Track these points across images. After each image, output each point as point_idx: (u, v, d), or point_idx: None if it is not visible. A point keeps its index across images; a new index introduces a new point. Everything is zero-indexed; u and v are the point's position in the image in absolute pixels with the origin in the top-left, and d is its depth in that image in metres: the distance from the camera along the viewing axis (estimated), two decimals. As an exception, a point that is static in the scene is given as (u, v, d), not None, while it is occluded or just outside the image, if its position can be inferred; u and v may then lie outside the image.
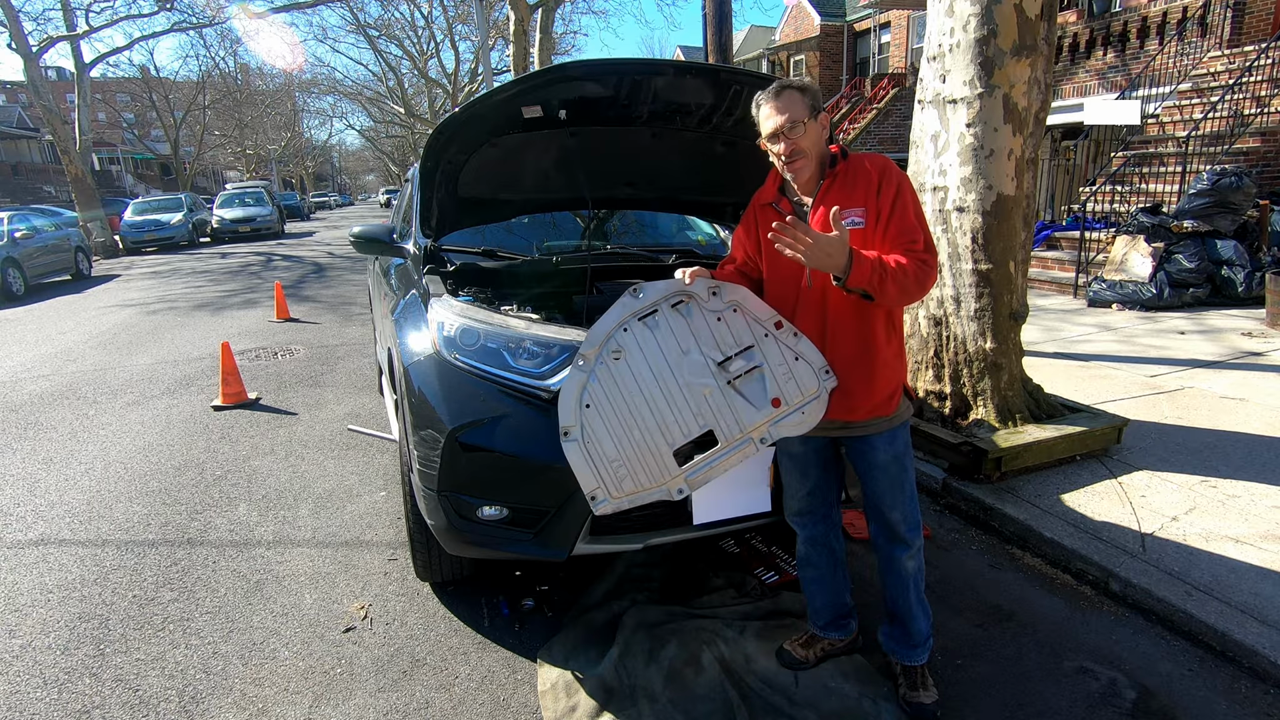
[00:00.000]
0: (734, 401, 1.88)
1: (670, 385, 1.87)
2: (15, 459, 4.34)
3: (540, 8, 14.52)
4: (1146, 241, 7.02)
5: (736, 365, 1.88)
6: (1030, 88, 3.35)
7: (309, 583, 2.85)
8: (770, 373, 1.88)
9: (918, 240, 1.80)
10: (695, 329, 1.86)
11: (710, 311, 1.86)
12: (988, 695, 2.12)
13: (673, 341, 1.86)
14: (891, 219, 1.82)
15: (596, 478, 1.88)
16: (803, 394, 1.88)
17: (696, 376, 1.87)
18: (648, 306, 1.85)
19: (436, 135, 2.66)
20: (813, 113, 1.84)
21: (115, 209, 21.72)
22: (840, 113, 19.19)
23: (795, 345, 1.87)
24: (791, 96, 1.84)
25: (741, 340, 1.87)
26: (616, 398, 1.86)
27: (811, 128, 1.84)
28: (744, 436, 1.90)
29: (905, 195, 1.83)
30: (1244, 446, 3.57)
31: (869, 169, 1.85)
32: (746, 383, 1.88)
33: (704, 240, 4.01)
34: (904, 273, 1.73)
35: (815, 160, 1.87)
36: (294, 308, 9.04)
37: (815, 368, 1.88)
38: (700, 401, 1.88)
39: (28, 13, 22.94)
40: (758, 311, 1.87)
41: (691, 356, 1.86)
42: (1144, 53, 10.63)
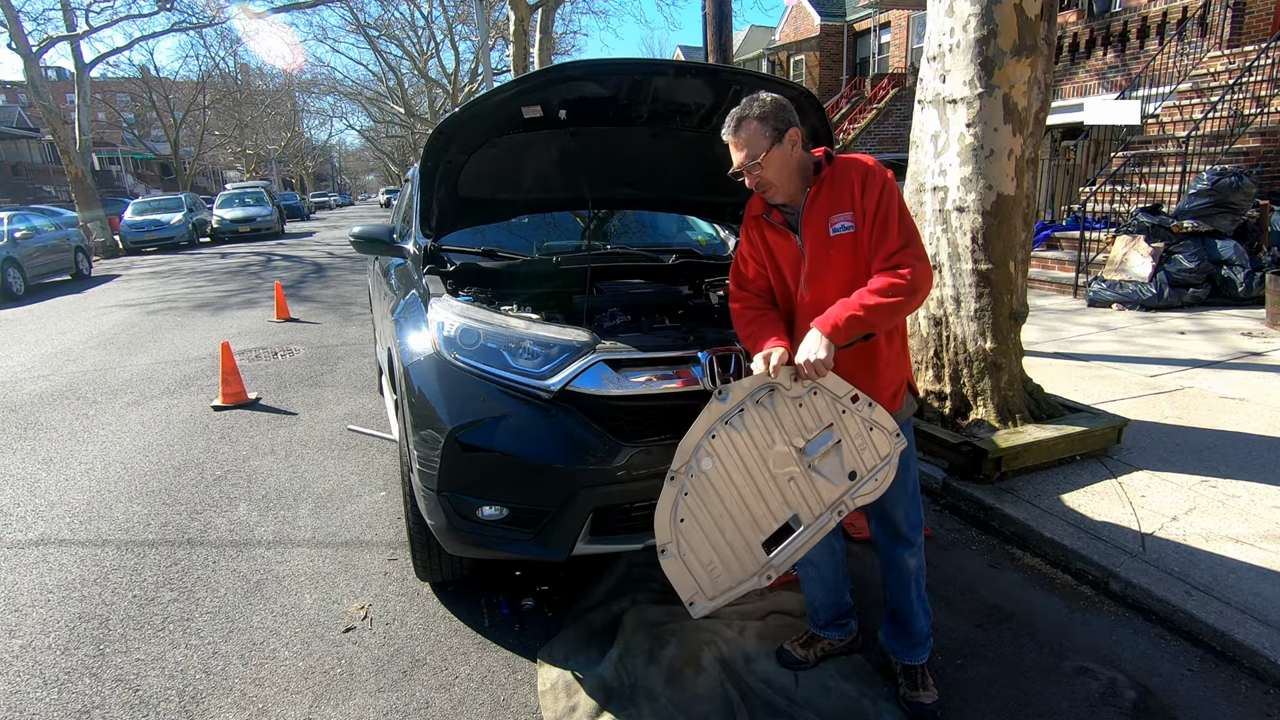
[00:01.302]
0: (815, 482, 1.88)
1: (759, 480, 1.85)
2: (15, 459, 4.34)
3: (540, 8, 14.52)
4: (1146, 241, 7.02)
5: (817, 446, 1.86)
6: (1030, 88, 3.35)
7: (309, 583, 2.85)
8: (849, 446, 1.86)
9: (898, 249, 1.78)
10: (780, 418, 1.83)
11: (793, 399, 1.82)
12: (988, 695, 2.12)
13: (759, 435, 1.83)
14: (875, 222, 1.81)
15: (695, 585, 1.89)
16: (878, 458, 1.88)
17: (782, 466, 1.86)
18: (734, 408, 1.81)
19: (436, 135, 2.66)
20: (776, 138, 1.81)
21: (115, 209, 21.71)
22: (840, 113, 19.20)
23: (870, 415, 1.85)
24: (748, 130, 1.81)
25: (822, 420, 1.84)
26: (710, 504, 1.84)
27: (775, 155, 1.81)
28: (825, 512, 1.90)
29: (889, 197, 1.81)
30: (1244, 446, 3.57)
31: (851, 172, 1.83)
32: (825, 461, 1.87)
33: (704, 240, 4.01)
34: (888, 298, 1.73)
35: (790, 181, 1.86)
36: (294, 308, 9.04)
37: (888, 432, 1.87)
38: (786, 489, 1.87)
39: (28, 13, 22.96)
40: (835, 389, 1.83)
41: (776, 447, 1.84)
42: (1144, 53, 10.63)
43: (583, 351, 2.23)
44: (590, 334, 2.29)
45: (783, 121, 1.82)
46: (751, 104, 1.82)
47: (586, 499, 2.17)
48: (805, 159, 1.89)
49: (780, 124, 1.81)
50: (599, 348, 2.24)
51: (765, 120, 1.80)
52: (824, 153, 1.90)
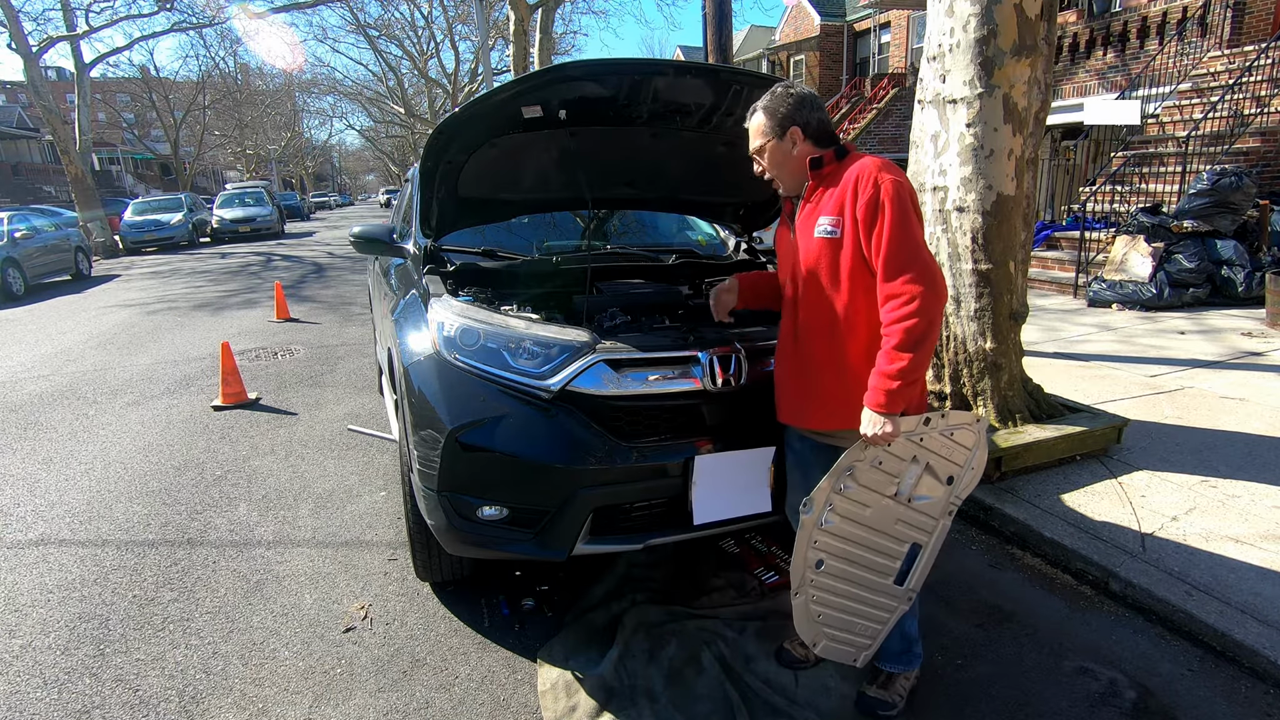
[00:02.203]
0: (920, 508, 1.91)
1: (871, 546, 1.90)
2: (15, 459, 4.34)
3: (540, 8, 14.51)
4: (1146, 241, 7.02)
5: (909, 483, 1.87)
6: (1030, 88, 3.35)
7: (309, 583, 2.85)
8: (937, 461, 1.87)
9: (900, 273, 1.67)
10: (866, 487, 1.83)
11: (870, 465, 1.81)
12: (988, 695, 2.12)
13: (855, 513, 1.85)
14: (871, 237, 1.71)
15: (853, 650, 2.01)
16: (967, 448, 1.90)
17: (886, 520, 1.89)
18: (822, 509, 1.82)
19: (436, 135, 2.66)
20: (777, 133, 1.84)
21: (115, 209, 21.70)
22: (840, 113, 19.19)
23: (944, 423, 1.84)
24: (754, 121, 1.88)
25: (903, 460, 1.84)
26: (837, 591, 1.91)
27: (773, 150, 1.86)
28: (937, 522, 1.95)
29: (886, 206, 1.68)
30: (1244, 446, 3.57)
31: (850, 174, 1.76)
32: (923, 486, 1.89)
33: (704, 240, 4.01)
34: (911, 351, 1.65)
35: (790, 175, 1.88)
36: (294, 308, 9.04)
37: (968, 422, 1.88)
38: (896, 532, 1.91)
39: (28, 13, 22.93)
40: (907, 427, 1.79)
41: (874, 510, 1.86)
42: (1144, 53, 10.63)
43: (583, 351, 2.23)
44: (590, 334, 2.29)
45: (787, 118, 1.83)
46: (768, 94, 1.88)
47: (586, 499, 2.17)
48: (810, 153, 1.87)
49: (784, 120, 1.82)
50: (599, 348, 2.24)
51: (771, 114, 1.83)
52: (835, 149, 1.86)
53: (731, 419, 2.31)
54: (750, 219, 3.58)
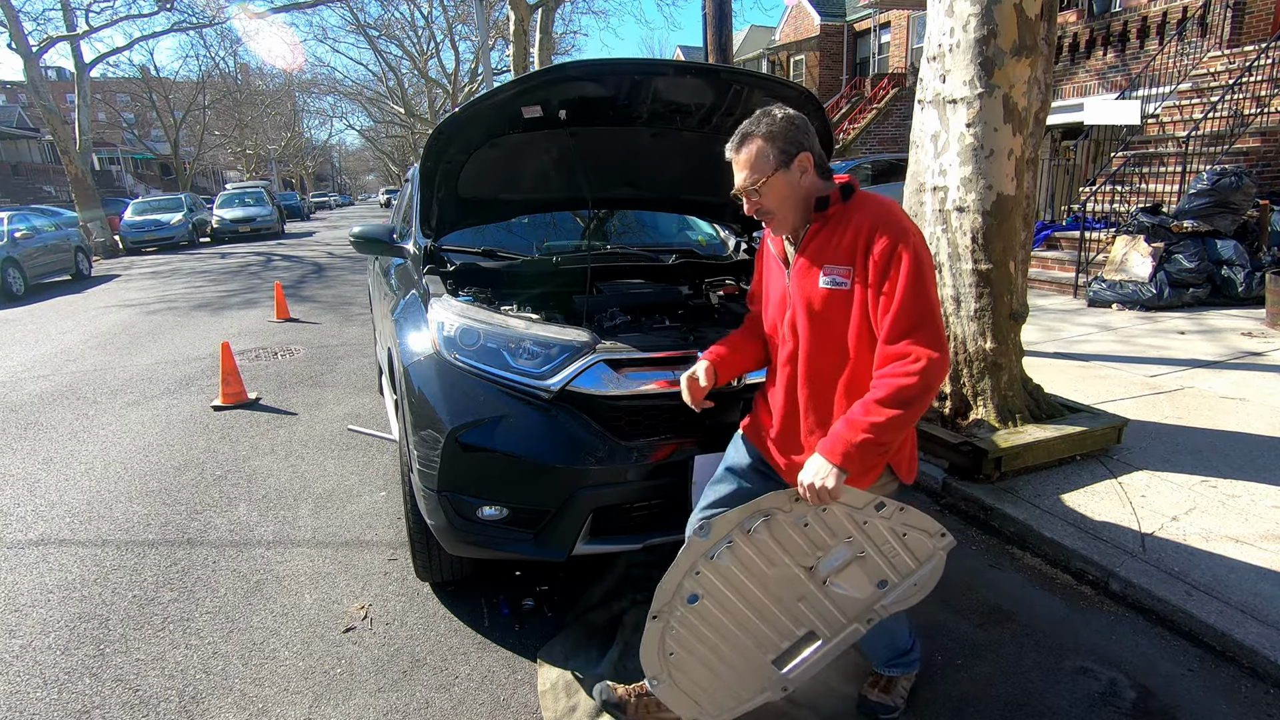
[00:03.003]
0: (834, 597, 1.68)
1: (759, 607, 1.66)
2: (15, 459, 4.34)
3: (540, 8, 14.51)
4: (1146, 241, 7.02)
5: (832, 563, 1.64)
6: (1030, 88, 3.35)
7: (309, 583, 2.85)
8: (874, 556, 1.65)
9: (909, 330, 1.49)
10: (779, 542, 1.61)
11: (795, 521, 1.59)
12: (988, 695, 2.12)
13: (755, 564, 1.62)
14: (881, 288, 1.52)
15: (695, 706, 1.75)
16: (917, 562, 1.68)
17: (788, 589, 1.65)
18: (719, 542, 1.59)
19: (436, 135, 2.66)
20: (783, 162, 1.57)
21: (115, 209, 21.70)
22: (840, 113, 19.19)
23: (901, 518, 1.62)
24: (752, 149, 1.58)
25: (837, 534, 1.62)
26: (702, 637, 1.67)
27: (779, 182, 1.58)
28: (848, 624, 1.72)
29: (903, 259, 1.50)
30: (1244, 446, 3.57)
31: (864, 217, 1.56)
32: (844, 575, 1.65)
33: (704, 240, 4.01)
34: (897, 409, 1.46)
35: (794, 213, 1.63)
36: (294, 308, 9.04)
37: (930, 532, 1.66)
38: (794, 610, 1.68)
39: (28, 13, 22.95)
40: (852, 502, 1.58)
41: (779, 571, 1.63)
42: (1144, 53, 10.63)
43: (583, 351, 2.23)
44: (590, 334, 2.29)
45: (794, 144, 1.58)
46: (760, 120, 1.59)
47: (586, 499, 2.17)
48: (817, 187, 1.63)
49: (790, 146, 1.58)
50: (599, 348, 2.24)
51: (773, 140, 1.57)
52: (843, 184, 1.64)
53: (731, 419, 2.31)
54: (750, 219, 3.58)
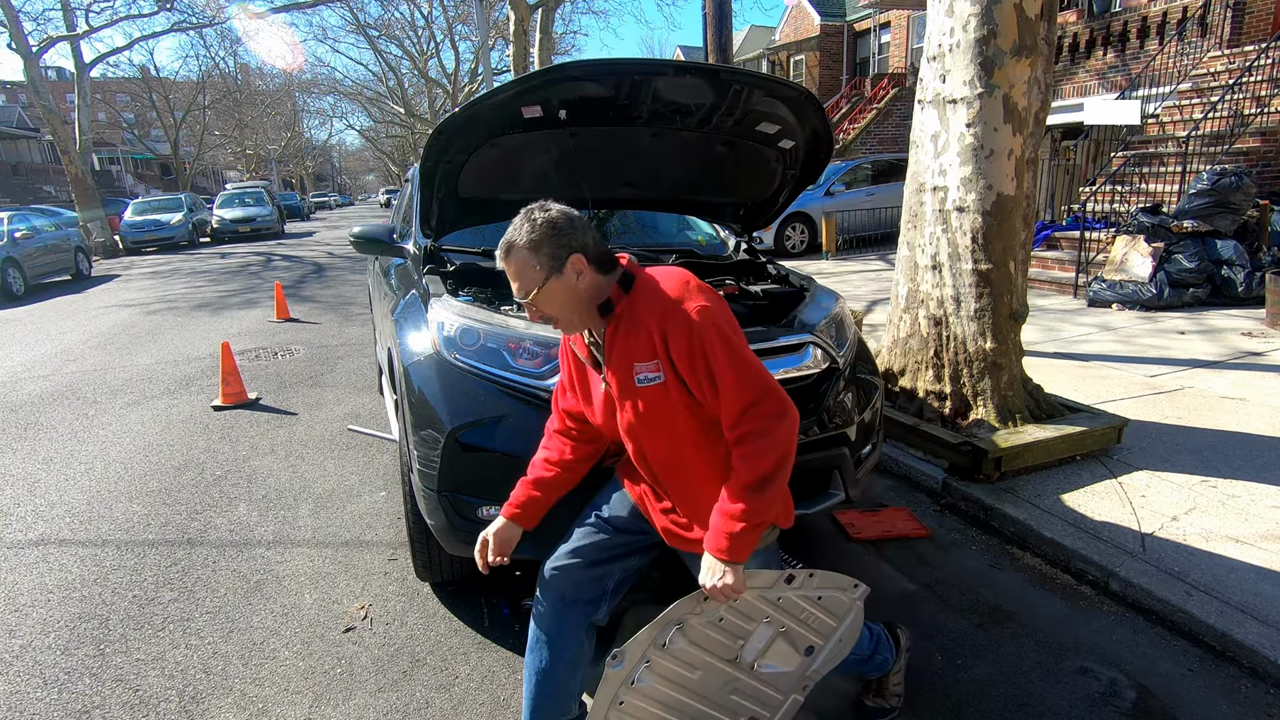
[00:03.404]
0: (764, 678, 1.65)
1: (692, 713, 1.62)
2: (15, 459, 4.34)
3: (540, 8, 14.51)
4: (1146, 241, 7.02)
5: (754, 649, 1.61)
6: (1030, 88, 3.35)
7: (309, 583, 2.85)
8: (795, 628, 1.63)
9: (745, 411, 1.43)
10: (698, 645, 1.56)
11: (709, 620, 1.54)
12: (988, 695, 2.12)
13: (678, 674, 1.57)
14: (699, 378, 1.46)
15: None
16: (837, 620, 1.66)
17: (717, 686, 1.62)
18: (635, 667, 1.52)
19: (436, 135, 2.66)
20: (553, 268, 1.47)
21: (115, 209, 21.73)
22: (840, 113, 19.19)
23: (813, 585, 1.59)
24: (517, 260, 1.49)
25: (754, 618, 1.58)
26: None
27: (554, 289, 1.49)
28: (786, 698, 1.70)
29: (703, 340, 1.43)
30: (1244, 446, 3.57)
31: (648, 314, 1.48)
32: (773, 654, 1.63)
33: (704, 240, 4.01)
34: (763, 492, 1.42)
35: (580, 314, 1.53)
36: (294, 308, 9.04)
37: (844, 588, 1.63)
38: (730, 703, 1.65)
39: (28, 13, 22.95)
40: (762, 583, 1.54)
41: (704, 672, 1.59)
42: (1144, 53, 10.63)
43: (583, 351, 2.22)
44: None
45: (561, 247, 1.48)
46: (521, 227, 1.50)
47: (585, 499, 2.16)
48: (599, 285, 1.53)
49: (559, 250, 1.48)
50: (599, 348, 2.24)
51: (537, 248, 1.48)
52: (619, 279, 1.53)
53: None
54: (750, 219, 3.58)
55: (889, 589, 2.67)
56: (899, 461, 3.61)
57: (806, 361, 2.45)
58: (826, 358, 2.52)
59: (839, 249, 11.64)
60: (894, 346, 4.00)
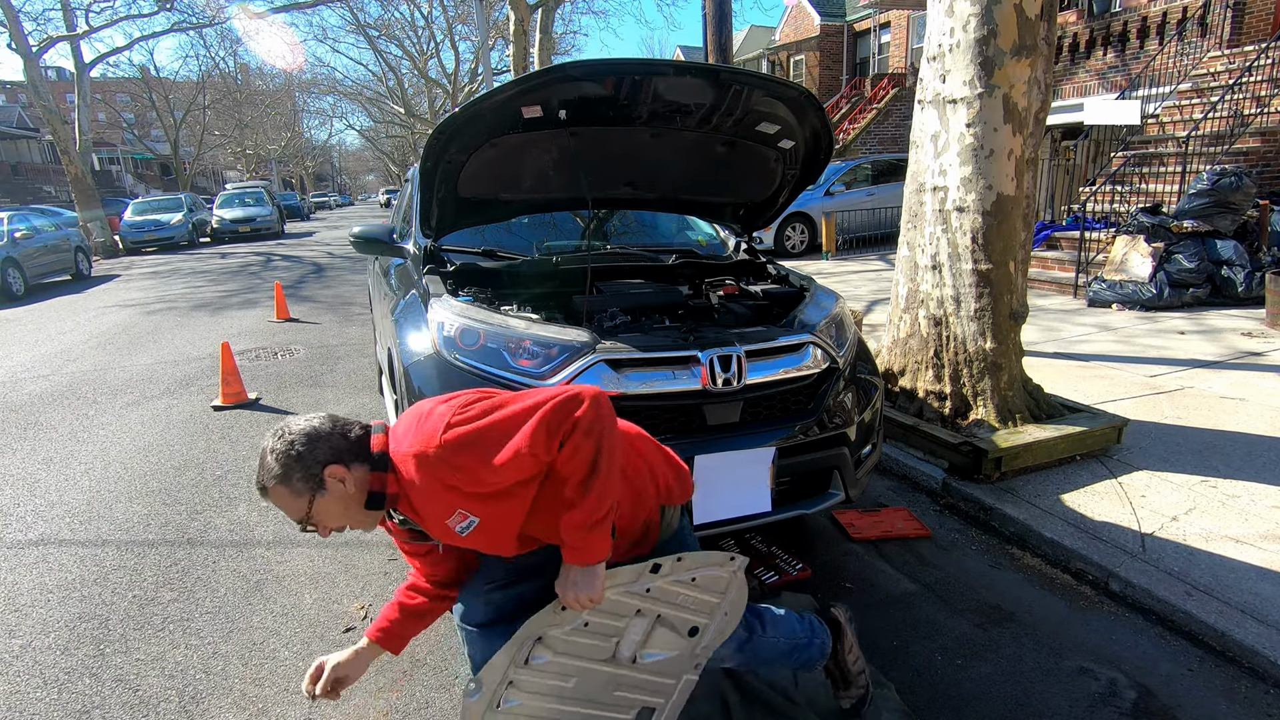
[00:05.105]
0: (650, 668, 1.59)
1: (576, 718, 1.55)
2: (15, 459, 4.34)
3: (540, 8, 14.51)
4: (1146, 241, 7.02)
5: (632, 641, 1.54)
6: (1030, 88, 3.35)
7: (309, 583, 2.85)
8: (673, 613, 1.57)
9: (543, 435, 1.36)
10: (565, 654, 1.50)
11: (569, 630, 1.48)
12: (988, 695, 2.12)
13: (550, 687, 1.50)
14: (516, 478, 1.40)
15: None
16: (719, 595, 1.60)
17: (599, 688, 1.55)
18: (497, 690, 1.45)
19: (436, 135, 2.66)
20: (315, 487, 1.40)
21: (115, 209, 21.72)
22: (840, 113, 19.19)
23: (683, 568, 1.54)
24: (278, 497, 1.41)
25: (624, 614, 1.52)
26: None
27: (325, 506, 1.42)
28: (678, 680, 1.64)
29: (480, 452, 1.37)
30: (1244, 446, 3.57)
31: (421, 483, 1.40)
32: (654, 642, 1.57)
33: (704, 240, 4.01)
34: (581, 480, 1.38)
35: (364, 516, 1.47)
36: (294, 308, 9.04)
37: (719, 564, 1.57)
38: (616, 699, 1.58)
39: (28, 13, 22.95)
40: (625, 579, 1.49)
41: (580, 679, 1.52)
42: (1144, 53, 10.64)
43: (583, 352, 2.23)
44: (590, 334, 2.29)
45: (313, 464, 1.40)
46: (264, 467, 1.41)
47: None
48: (368, 481, 1.45)
49: (311, 468, 1.40)
50: (599, 348, 2.24)
51: (288, 478, 1.40)
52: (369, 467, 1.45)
53: (731, 419, 2.31)
54: (750, 219, 3.59)
55: (889, 589, 2.67)
56: (899, 461, 3.61)
57: (806, 361, 2.46)
58: (826, 358, 2.52)
59: (839, 249, 11.64)
60: (894, 346, 4.00)
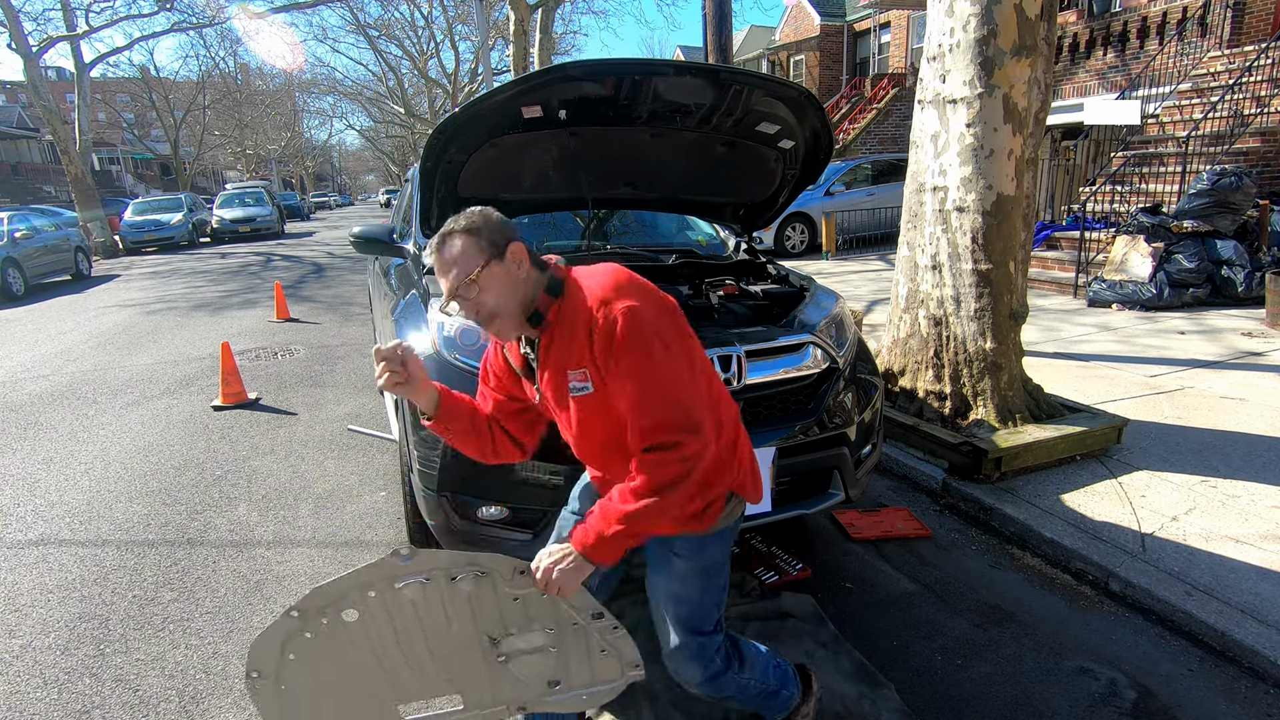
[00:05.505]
0: (499, 676, 1.52)
1: (417, 654, 1.48)
2: (15, 459, 4.34)
3: (540, 8, 14.51)
4: (1146, 241, 7.02)
5: (515, 644, 1.50)
6: (1030, 88, 3.35)
7: (309, 583, 2.85)
8: (563, 657, 1.52)
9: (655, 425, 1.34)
10: (478, 605, 1.45)
11: (508, 591, 1.44)
12: (988, 695, 2.12)
13: (437, 613, 1.44)
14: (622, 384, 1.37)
15: None
16: (593, 680, 1.57)
17: (457, 650, 1.48)
18: (413, 574, 1.39)
19: (436, 135, 2.66)
20: (494, 252, 1.41)
21: (115, 209, 21.73)
22: (840, 113, 19.19)
23: (611, 638, 1.52)
24: (458, 244, 1.42)
25: (538, 622, 1.48)
26: (339, 655, 1.45)
27: (494, 274, 1.41)
28: (498, 706, 1.57)
29: (632, 345, 1.34)
30: (1244, 446, 3.57)
31: (579, 315, 1.40)
32: (522, 662, 1.52)
33: (704, 240, 4.01)
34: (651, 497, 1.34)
35: (519, 308, 1.44)
36: (294, 308, 9.04)
37: (624, 662, 1.55)
38: (454, 669, 1.51)
39: (28, 13, 22.95)
40: (577, 603, 1.46)
41: (456, 628, 1.46)
42: (1144, 53, 10.64)
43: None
44: (590, 334, 2.28)
45: (501, 235, 1.44)
46: (459, 218, 1.47)
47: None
48: (535, 281, 1.46)
49: (498, 238, 1.44)
50: (599, 348, 2.24)
51: (477, 233, 1.43)
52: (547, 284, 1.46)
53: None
54: (750, 219, 3.58)
55: (889, 589, 2.68)
56: (899, 461, 3.61)
57: (806, 361, 2.46)
58: (826, 358, 2.52)
59: (839, 249, 11.64)
60: (894, 346, 4.00)
